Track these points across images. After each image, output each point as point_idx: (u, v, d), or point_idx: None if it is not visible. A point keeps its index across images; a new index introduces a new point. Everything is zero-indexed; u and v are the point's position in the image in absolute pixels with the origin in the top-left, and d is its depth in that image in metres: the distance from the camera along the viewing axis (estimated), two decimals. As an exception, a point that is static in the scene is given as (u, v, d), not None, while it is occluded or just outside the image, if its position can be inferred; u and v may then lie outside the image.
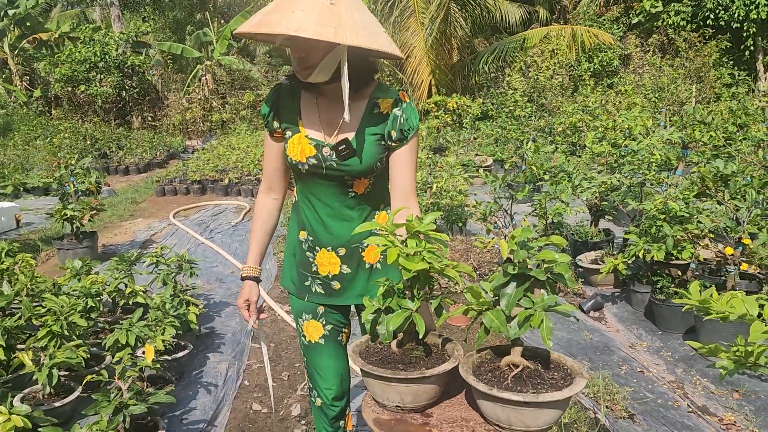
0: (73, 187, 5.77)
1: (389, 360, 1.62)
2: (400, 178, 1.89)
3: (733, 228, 4.07)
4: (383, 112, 1.83)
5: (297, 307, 2.08)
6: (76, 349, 3.03)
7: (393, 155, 1.87)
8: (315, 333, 2.07)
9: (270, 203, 2.08)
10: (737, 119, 7.68)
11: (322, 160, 1.83)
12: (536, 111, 11.98)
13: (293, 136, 1.86)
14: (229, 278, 5.40)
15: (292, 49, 1.75)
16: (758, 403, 3.24)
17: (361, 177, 1.86)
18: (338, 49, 1.66)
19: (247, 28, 1.66)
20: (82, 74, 16.37)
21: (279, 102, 1.89)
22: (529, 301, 1.49)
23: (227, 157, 10.83)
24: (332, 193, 1.89)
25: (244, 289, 2.06)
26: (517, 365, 1.52)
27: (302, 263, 2.01)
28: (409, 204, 1.89)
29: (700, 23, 14.35)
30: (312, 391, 2.18)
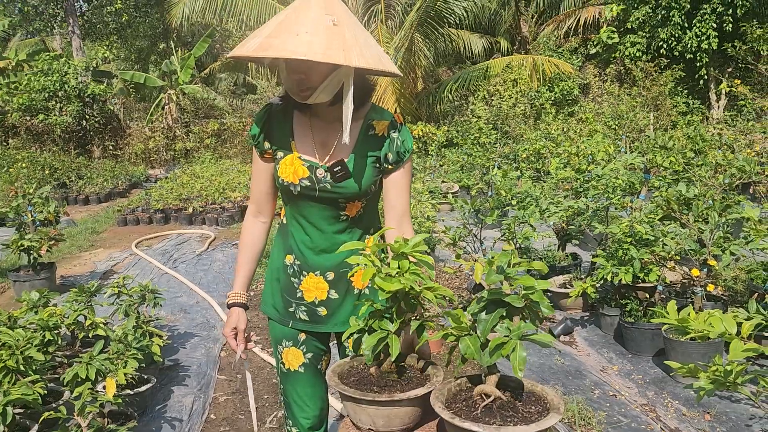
0: (30, 216, 5.58)
1: (366, 381, 1.58)
2: (395, 201, 1.88)
3: (697, 250, 4.14)
4: (378, 134, 1.82)
5: (277, 333, 2.01)
6: (32, 384, 2.88)
7: (388, 178, 1.86)
8: (295, 361, 1.99)
9: (258, 227, 2.02)
10: (695, 145, 7.92)
11: (316, 182, 1.79)
12: (500, 138, 12.17)
13: (285, 157, 1.82)
14: (193, 308, 5.26)
15: (288, 70, 1.68)
16: (729, 425, 3.25)
17: (354, 200, 1.82)
18: (342, 70, 1.63)
19: (248, 51, 1.59)
20: (41, 103, 16.04)
21: (270, 122, 1.84)
22: (506, 328, 1.44)
23: (191, 185, 10.67)
24: (324, 216, 1.84)
25: (231, 316, 1.98)
26: (489, 395, 1.45)
27: (287, 289, 1.94)
28: (403, 226, 1.88)
29: (654, 53, 14.84)
30: (288, 420, 2.09)
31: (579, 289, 4.49)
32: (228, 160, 15.11)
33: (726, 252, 4.06)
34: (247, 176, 11.73)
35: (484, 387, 1.46)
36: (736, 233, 4.77)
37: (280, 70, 1.74)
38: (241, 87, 20.94)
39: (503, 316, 1.46)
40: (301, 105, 1.78)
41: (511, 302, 1.43)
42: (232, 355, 4.33)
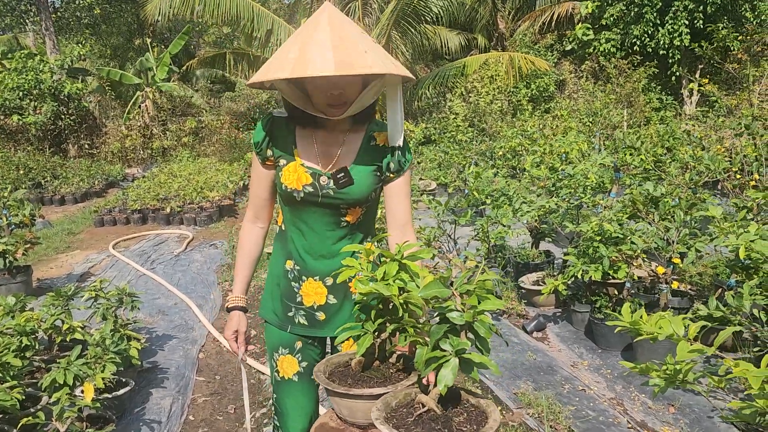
0: (5, 220, 5.55)
1: (345, 375, 1.64)
2: (397, 209, 1.94)
3: (664, 248, 4.27)
4: (380, 144, 1.90)
5: (275, 340, 2.04)
6: (10, 390, 2.90)
7: (389, 187, 1.93)
8: (289, 369, 2.03)
9: (256, 232, 2.07)
10: (665, 142, 8.09)
11: (319, 188, 1.84)
12: (477, 135, 12.27)
13: (288, 164, 1.87)
14: (171, 310, 5.28)
15: (321, 88, 1.72)
16: (692, 416, 3.38)
17: (356, 206, 1.88)
18: (377, 83, 1.78)
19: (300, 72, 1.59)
20: (15, 102, 15.82)
21: (273, 131, 1.89)
22: (449, 344, 1.42)
23: (169, 185, 10.63)
24: (325, 222, 1.89)
25: (232, 320, 2.03)
26: (424, 406, 1.44)
27: (287, 293, 1.98)
28: (406, 233, 1.95)
29: (628, 50, 15.06)
30: (277, 430, 2.12)
31: (551, 286, 4.60)
32: (206, 159, 15.04)
33: (692, 249, 4.20)
34: (225, 174, 11.70)
35: (423, 397, 1.46)
36: (706, 230, 4.92)
37: (284, 93, 1.80)
38: (217, 84, 20.81)
39: (452, 329, 1.45)
40: (305, 120, 1.85)
41: (451, 319, 1.42)
42: (211, 356, 4.38)
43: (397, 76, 1.74)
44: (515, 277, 5.53)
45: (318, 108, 1.78)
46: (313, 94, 1.77)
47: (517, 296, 5.22)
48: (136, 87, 18.48)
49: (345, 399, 1.55)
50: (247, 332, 2.06)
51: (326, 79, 1.69)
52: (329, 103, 1.75)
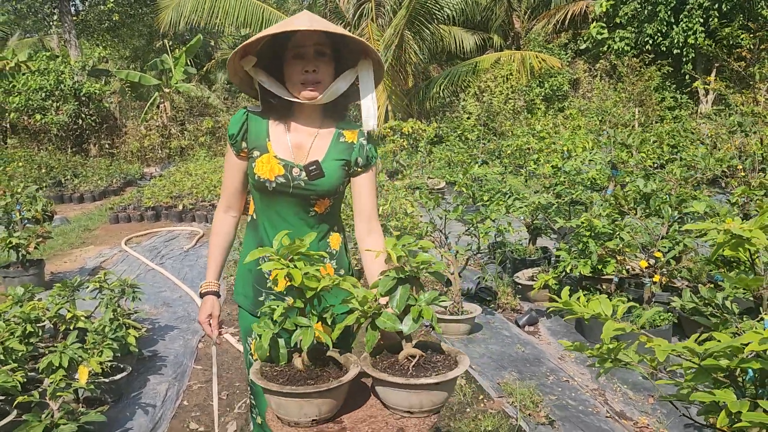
0: (19, 215, 5.78)
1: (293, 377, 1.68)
2: (365, 202, 2.07)
3: (652, 243, 4.33)
4: (348, 141, 2.03)
5: (247, 324, 2.13)
6: (12, 373, 3.08)
7: (356, 181, 2.05)
8: None
9: (229, 221, 2.18)
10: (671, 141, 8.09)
11: (291, 180, 1.96)
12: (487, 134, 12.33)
13: (261, 155, 1.98)
14: (176, 302, 5.47)
15: (295, 68, 1.90)
16: (670, 407, 3.44)
17: (325, 197, 2.00)
18: (350, 72, 1.94)
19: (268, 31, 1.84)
20: (38, 103, 16.24)
21: (248, 123, 2.01)
22: (413, 299, 1.67)
23: (183, 183, 10.86)
24: (295, 212, 2.01)
25: (205, 304, 2.12)
26: (414, 356, 1.69)
27: (258, 279, 2.08)
28: (372, 225, 2.07)
29: (642, 49, 14.99)
30: (254, 408, 2.23)
31: (542, 281, 4.69)
32: (222, 158, 15.29)
33: (680, 244, 4.26)
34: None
35: (409, 350, 1.70)
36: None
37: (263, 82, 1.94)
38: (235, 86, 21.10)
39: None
40: (278, 114, 2.00)
41: (412, 274, 1.67)
42: (210, 345, 4.54)
43: (369, 64, 1.92)
44: (512, 272, 5.62)
45: (293, 92, 1.92)
46: (292, 76, 1.91)
47: (512, 291, 5.31)
48: (155, 88, 18.84)
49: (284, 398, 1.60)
50: (220, 316, 2.18)
51: (304, 59, 1.88)
52: (303, 82, 1.89)
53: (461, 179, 4.70)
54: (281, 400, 1.62)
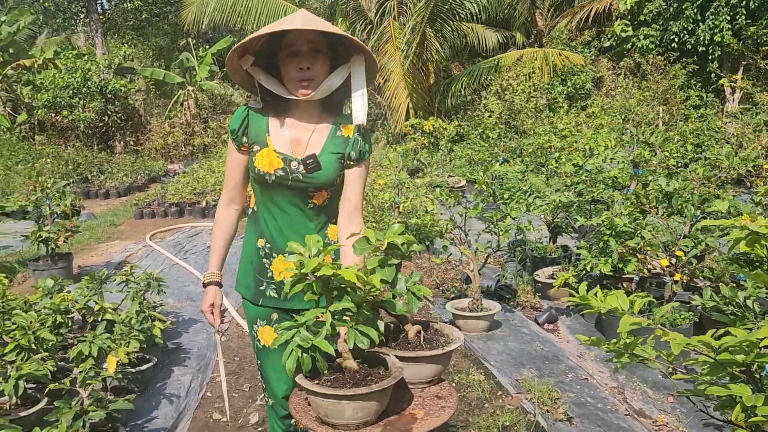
0: (48, 209, 5.93)
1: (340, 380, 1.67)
2: (351, 195, 2.14)
3: (673, 242, 4.32)
4: (344, 135, 2.10)
5: (252, 313, 2.23)
6: (42, 362, 3.18)
7: (348, 173, 2.12)
8: (269, 338, 2.21)
9: (231, 213, 2.25)
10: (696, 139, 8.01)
11: (289, 173, 2.03)
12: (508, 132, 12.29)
13: (261, 150, 2.06)
14: (199, 297, 5.56)
15: (291, 64, 1.96)
16: (689, 405, 3.44)
17: (322, 189, 2.08)
18: (343, 68, 2.00)
19: (264, 30, 1.90)
20: (65, 100, 16.54)
21: (248, 119, 2.10)
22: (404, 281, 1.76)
23: (206, 180, 11.00)
24: (294, 204, 2.09)
25: (208, 294, 2.20)
26: (420, 332, 1.87)
27: (258, 269, 2.16)
28: (352, 217, 2.13)
29: (667, 47, 14.83)
30: (265, 391, 2.34)
31: (561, 279, 4.69)
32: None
33: (702, 244, 4.23)
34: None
35: (417, 327, 1.86)
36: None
37: (261, 79, 2.02)
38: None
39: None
40: (278, 110, 2.07)
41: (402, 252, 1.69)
42: (232, 339, 4.62)
43: (362, 60, 1.98)
44: (532, 270, 5.62)
45: (290, 89, 2.00)
46: (287, 73, 1.98)
47: (532, 289, 5.32)
48: (179, 86, 19.07)
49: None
50: (222, 305, 2.25)
51: (299, 56, 1.95)
52: (299, 79, 1.96)
53: (481, 177, 4.72)
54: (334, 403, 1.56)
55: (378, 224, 6.11)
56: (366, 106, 2.04)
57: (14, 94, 18.53)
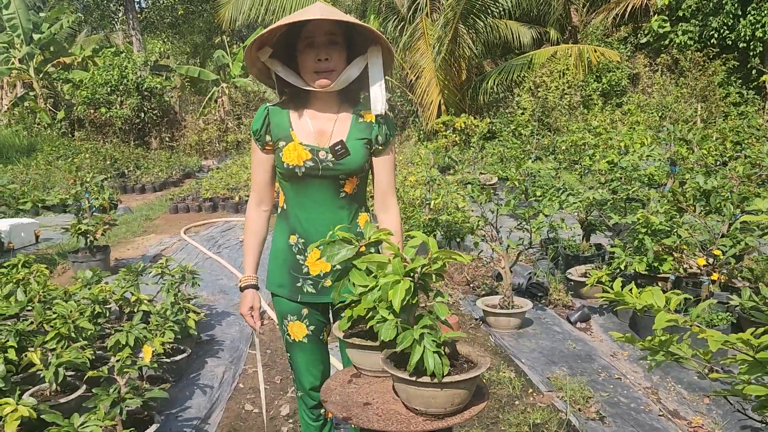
0: (87, 203, 6.08)
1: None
2: (382, 179, 2.18)
3: (711, 241, 4.23)
4: (367, 120, 2.13)
5: (283, 309, 2.24)
6: (81, 350, 3.26)
7: (377, 159, 2.16)
8: (299, 333, 2.24)
9: (261, 215, 2.27)
10: (735, 137, 7.82)
11: (319, 162, 2.05)
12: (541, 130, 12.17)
13: (287, 144, 2.07)
14: (232, 290, 5.65)
15: (310, 55, 1.99)
16: (726, 407, 3.37)
17: (352, 175, 2.09)
18: (361, 59, 2.02)
19: (284, 21, 1.91)
20: (103, 97, 16.93)
21: (269, 118, 2.11)
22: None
23: (239, 175, 11.15)
24: (326, 194, 2.10)
25: (246, 297, 2.21)
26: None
27: (293, 266, 2.17)
28: (387, 201, 2.19)
29: (706, 42, 14.49)
30: (295, 383, 2.37)
31: (595, 277, 4.64)
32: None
33: (741, 243, 4.14)
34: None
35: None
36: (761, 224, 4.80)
37: (279, 72, 2.04)
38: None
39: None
40: (297, 103, 2.09)
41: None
42: (265, 332, 4.68)
43: (379, 51, 2.00)
44: (564, 268, 5.57)
45: (308, 80, 2.02)
46: (305, 65, 2.00)
47: (564, 288, 5.26)
48: (213, 83, 19.35)
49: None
50: (261, 307, 2.26)
51: (316, 47, 1.97)
52: (317, 71, 1.98)
53: (514, 173, 4.68)
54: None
55: (408, 221, 6.11)
56: (384, 95, 2.06)
57: (55, 91, 19.03)
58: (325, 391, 1.77)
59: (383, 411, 1.61)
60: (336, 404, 1.68)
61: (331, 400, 1.70)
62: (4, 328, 3.39)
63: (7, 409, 2.63)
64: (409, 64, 15.30)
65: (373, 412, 1.61)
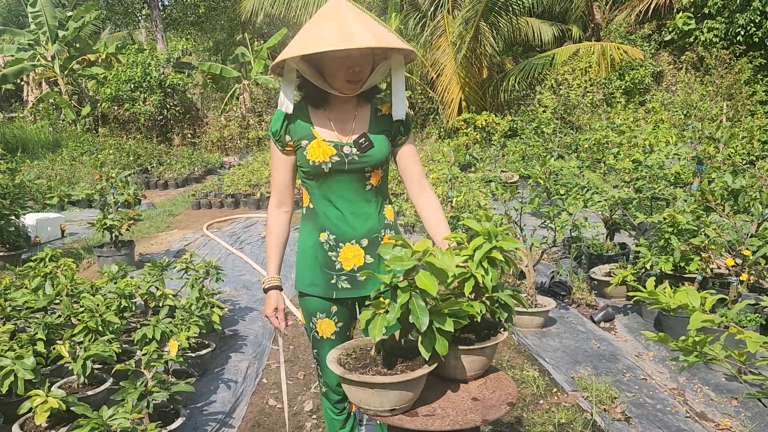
0: (112, 198, 6.15)
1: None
2: (412, 168, 2.23)
3: (739, 241, 4.16)
4: (385, 113, 2.17)
5: (312, 307, 2.23)
6: (109, 343, 3.30)
7: (401, 150, 2.21)
8: (327, 330, 2.24)
9: (282, 217, 2.26)
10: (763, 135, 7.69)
11: (344, 157, 2.07)
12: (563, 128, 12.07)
13: (311, 142, 2.08)
14: (255, 285, 5.68)
15: (342, 67, 1.97)
16: (756, 410, 3.32)
17: (378, 167, 2.12)
18: (385, 64, 2.08)
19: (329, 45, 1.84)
20: (127, 93, 17.12)
21: (288, 118, 2.12)
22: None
23: (261, 172, 11.21)
24: (353, 188, 2.12)
25: (270, 299, 2.20)
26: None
27: (326, 264, 2.16)
28: (422, 185, 2.24)
29: (732, 40, 14.26)
30: (320, 378, 2.38)
31: (619, 277, 4.59)
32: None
33: None
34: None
35: None
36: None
37: (305, 73, 2.04)
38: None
39: None
40: (316, 101, 2.11)
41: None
42: (287, 328, 4.69)
43: (401, 57, 2.06)
44: (587, 267, 5.52)
45: (335, 85, 2.03)
46: (335, 73, 2.00)
47: (588, 287, 5.22)
48: (235, 80, 19.47)
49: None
50: (286, 308, 2.25)
51: (351, 57, 1.97)
52: (349, 80, 2.00)
53: (537, 171, 4.65)
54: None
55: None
56: (405, 102, 2.13)
57: (79, 88, 19.27)
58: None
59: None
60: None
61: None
62: (33, 321, 3.45)
63: (38, 400, 2.68)
64: (430, 61, 15.25)
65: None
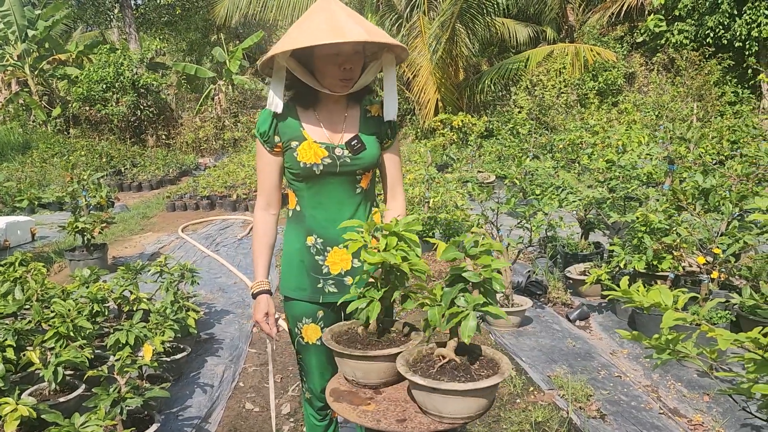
0: (84, 200, 6.05)
1: (353, 340, 1.81)
2: (392, 172, 2.23)
3: (710, 239, 4.23)
4: (375, 115, 2.16)
5: (298, 311, 2.18)
6: (80, 349, 3.25)
7: (386, 153, 2.20)
8: (313, 335, 2.18)
9: (269, 219, 2.21)
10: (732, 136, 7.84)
11: (336, 159, 2.04)
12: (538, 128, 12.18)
13: (301, 144, 2.04)
14: (231, 288, 5.63)
15: (335, 64, 1.96)
16: (726, 405, 3.38)
17: (368, 170, 2.11)
18: (375, 64, 2.08)
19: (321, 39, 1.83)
20: (99, 94, 16.85)
21: (277, 118, 2.07)
22: (464, 300, 1.59)
23: (236, 173, 11.13)
24: (343, 191, 2.09)
25: (260, 303, 2.14)
26: (445, 357, 1.61)
27: (312, 268, 2.11)
28: (395, 193, 2.25)
29: (702, 42, 14.52)
30: (304, 384, 2.33)
31: (594, 275, 4.64)
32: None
33: (740, 242, 4.14)
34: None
35: (442, 350, 1.63)
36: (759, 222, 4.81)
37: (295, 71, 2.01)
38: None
39: (463, 289, 1.64)
40: (306, 101, 2.08)
41: (467, 278, 1.60)
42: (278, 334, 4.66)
43: (392, 57, 2.06)
44: (563, 267, 5.57)
45: (326, 84, 2.01)
46: (326, 70, 1.98)
47: (563, 286, 5.27)
48: (210, 80, 19.29)
49: (360, 361, 1.70)
50: (276, 312, 2.20)
51: (342, 54, 1.95)
52: (341, 78, 1.98)
53: (513, 171, 4.68)
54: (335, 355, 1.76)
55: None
56: (396, 103, 2.12)
57: (50, 88, 18.93)
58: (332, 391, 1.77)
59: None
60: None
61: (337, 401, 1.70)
62: (2, 327, 3.37)
63: (7, 408, 2.62)
64: (407, 62, 15.29)
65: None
